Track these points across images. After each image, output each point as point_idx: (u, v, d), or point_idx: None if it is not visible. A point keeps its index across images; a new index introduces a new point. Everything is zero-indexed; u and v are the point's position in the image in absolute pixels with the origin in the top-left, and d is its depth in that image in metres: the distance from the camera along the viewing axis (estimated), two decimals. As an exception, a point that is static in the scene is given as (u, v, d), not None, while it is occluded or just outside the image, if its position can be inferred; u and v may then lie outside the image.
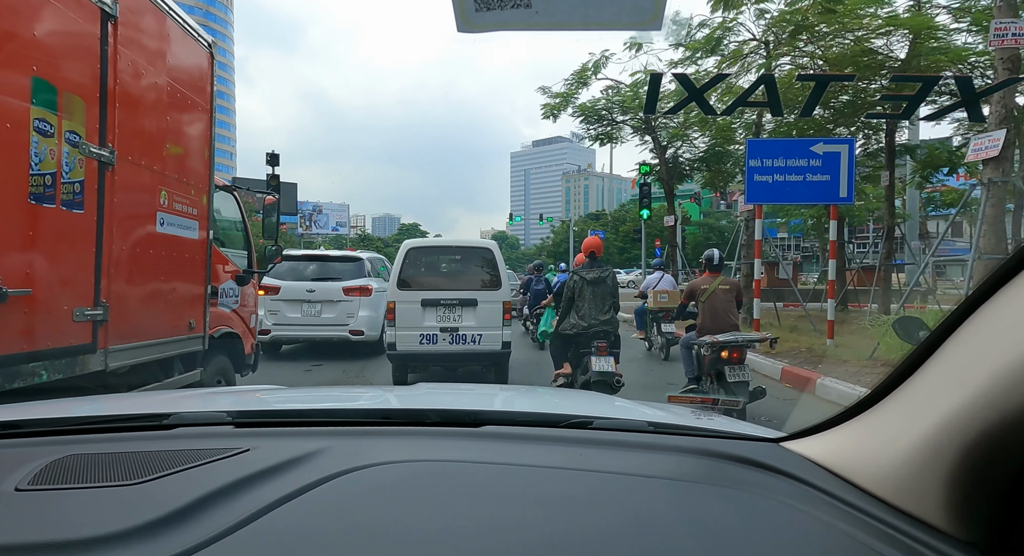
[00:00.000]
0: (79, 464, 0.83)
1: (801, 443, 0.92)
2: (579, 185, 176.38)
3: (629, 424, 1.12)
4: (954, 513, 0.61)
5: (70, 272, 2.75)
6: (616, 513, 0.70)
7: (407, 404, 1.41)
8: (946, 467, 0.59)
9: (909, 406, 0.68)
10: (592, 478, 0.82)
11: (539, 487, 0.80)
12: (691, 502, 0.75)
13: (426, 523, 0.68)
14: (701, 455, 0.92)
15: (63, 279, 2.70)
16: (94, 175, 2.87)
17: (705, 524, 0.68)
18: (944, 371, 0.63)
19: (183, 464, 0.81)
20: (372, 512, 0.71)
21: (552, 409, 1.40)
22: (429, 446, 0.97)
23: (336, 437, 0.98)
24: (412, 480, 0.81)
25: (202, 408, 1.28)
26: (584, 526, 0.67)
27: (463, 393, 1.86)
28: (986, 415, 0.54)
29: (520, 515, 0.70)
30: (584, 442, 0.99)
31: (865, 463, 0.74)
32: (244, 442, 0.92)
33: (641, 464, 0.88)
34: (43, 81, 2.52)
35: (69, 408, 1.34)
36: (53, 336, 2.64)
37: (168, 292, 3.65)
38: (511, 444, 0.99)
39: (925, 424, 0.63)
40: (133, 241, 3.23)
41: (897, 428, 0.69)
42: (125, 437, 1.02)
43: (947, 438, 0.59)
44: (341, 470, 0.80)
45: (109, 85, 2.94)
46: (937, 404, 0.61)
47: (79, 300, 2.81)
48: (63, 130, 2.64)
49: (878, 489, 0.70)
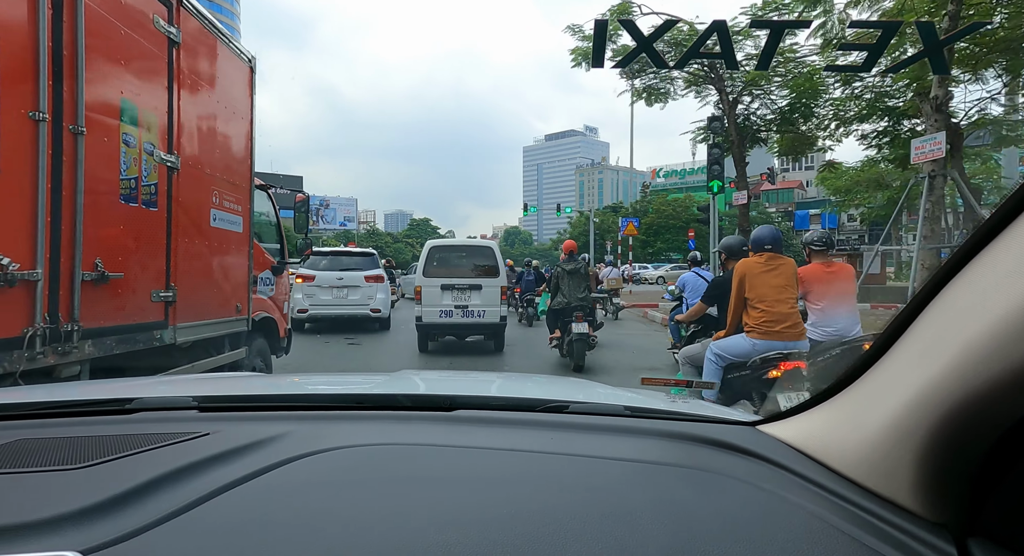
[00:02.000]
0: (29, 448, 0.80)
1: (776, 426, 0.91)
2: (593, 179, 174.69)
3: (605, 408, 1.12)
4: (923, 494, 0.60)
5: (148, 260, 3.29)
6: (588, 496, 0.70)
7: (379, 389, 1.38)
8: (915, 447, 0.59)
9: (880, 386, 0.67)
10: (566, 461, 0.81)
11: (510, 470, 0.79)
12: (664, 485, 0.74)
13: (386, 505, 0.66)
14: (677, 439, 0.92)
15: (143, 266, 3.24)
16: (164, 178, 3.41)
17: (676, 506, 0.68)
18: (913, 349, 0.62)
19: (137, 447, 0.79)
20: (329, 494, 0.69)
21: (528, 394, 1.38)
22: (398, 430, 0.95)
23: (302, 421, 0.96)
24: (376, 463, 0.79)
25: (168, 393, 1.25)
26: (555, 508, 0.66)
27: (439, 379, 1.86)
28: (954, 390, 0.53)
29: (487, 497, 0.69)
30: (559, 426, 0.99)
31: (837, 445, 0.74)
32: (206, 426, 0.90)
33: (616, 448, 0.88)
34: (128, 101, 3.05)
35: (29, 393, 1.31)
36: (138, 313, 3.18)
37: (220, 279, 4.19)
38: (484, 428, 0.97)
39: (894, 404, 0.62)
40: (193, 234, 3.76)
41: (868, 409, 0.68)
42: (84, 422, 0.99)
43: (915, 417, 0.58)
44: (303, 452, 0.78)
45: (174, 101, 3.47)
46: (906, 383, 0.60)
47: (155, 283, 3.35)
48: (142, 141, 3.17)
49: (850, 471, 0.70)
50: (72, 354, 2.67)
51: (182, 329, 3.63)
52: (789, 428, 0.87)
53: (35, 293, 2.45)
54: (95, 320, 2.81)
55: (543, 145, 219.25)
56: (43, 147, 2.46)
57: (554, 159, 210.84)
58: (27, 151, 2.41)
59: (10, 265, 2.31)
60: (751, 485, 0.73)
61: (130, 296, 3.12)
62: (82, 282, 2.71)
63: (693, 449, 0.88)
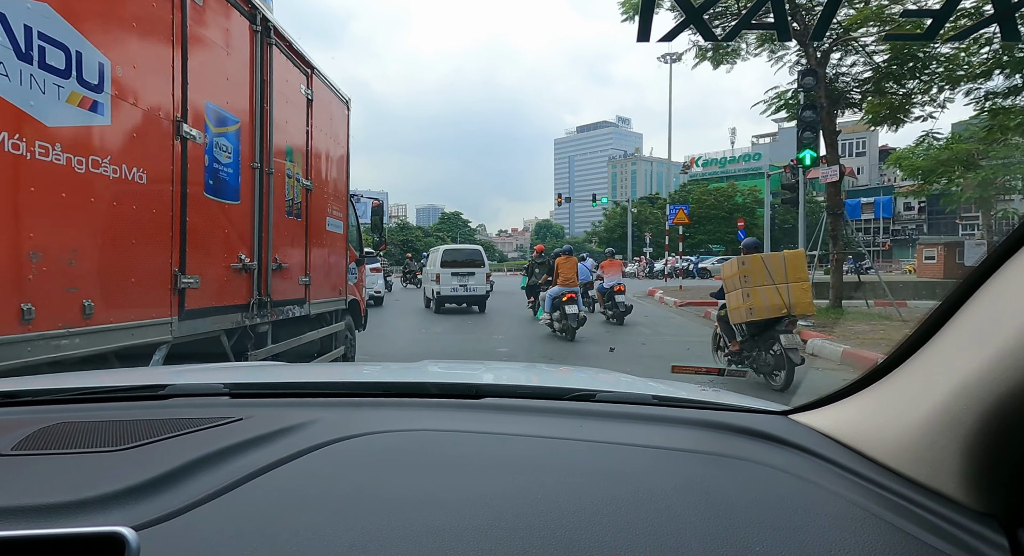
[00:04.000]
0: (70, 431, 0.83)
1: (810, 415, 0.90)
2: (626, 170, 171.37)
3: (633, 397, 1.12)
4: (971, 483, 0.59)
5: (297, 255, 4.73)
6: (617, 482, 0.70)
7: (407, 377, 1.40)
8: (963, 435, 0.57)
9: (924, 373, 0.66)
10: (593, 448, 0.81)
11: (538, 456, 0.79)
12: (696, 472, 0.74)
13: (417, 490, 0.67)
14: (706, 427, 0.92)
15: (295, 259, 4.68)
16: (304, 197, 4.84)
17: (709, 494, 0.67)
18: (961, 336, 0.61)
19: (174, 431, 0.82)
20: (362, 478, 0.70)
21: (555, 383, 1.41)
22: (427, 417, 0.96)
23: (333, 408, 0.99)
24: (406, 448, 0.80)
25: (200, 380, 1.29)
26: (583, 495, 0.66)
27: (465, 368, 1.90)
28: (1006, 378, 0.52)
29: (516, 482, 0.70)
30: (587, 414, 0.99)
31: (877, 434, 0.72)
32: (239, 412, 0.92)
33: (646, 436, 0.87)
34: (289, 146, 4.48)
35: (68, 380, 1.35)
36: (293, 291, 4.63)
37: (331, 269, 5.64)
38: (512, 416, 0.98)
39: (941, 391, 0.60)
40: (317, 236, 5.20)
41: (911, 397, 0.66)
42: (120, 406, 1.03)
43: (964, 405, 0.56)
44: (335, 438, 0.80)
45: (309, 141, 4.90)
46: (954, 370, 0.59)
47: (300, 272, 4.79)
48: (295, 173, 4.60)
49: (890, 460, 0.69)
50: (266, 317, 4.11)
51: (314, 304, 5.08)
52: (824, 417, 0.87)
53: (253, 278, 3.89)
54: (276, 295, 4.26)
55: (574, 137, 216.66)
56: (258, 185, 3.89)
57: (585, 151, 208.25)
58: (251, 189, 3.84)
59: (245, 260, 3.75)
60: (786, 473, 0.73)
61: (290, 280, 4.56)
62: (271, 271, 4.15)
63: (724, 437, 0.87)
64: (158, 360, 2.86)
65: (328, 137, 5.46)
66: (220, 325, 3.51)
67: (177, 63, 2.96)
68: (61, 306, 2.26)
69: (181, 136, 2.98)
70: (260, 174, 3.94)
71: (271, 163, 4.08)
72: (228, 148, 3.53)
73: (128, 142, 2.61)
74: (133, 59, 2.64)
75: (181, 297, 3.04)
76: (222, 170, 3.47)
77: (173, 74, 2.93)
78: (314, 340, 5.23)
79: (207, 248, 3.32)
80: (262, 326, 4.15)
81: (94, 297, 2.41)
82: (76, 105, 2.29)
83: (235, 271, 3.68)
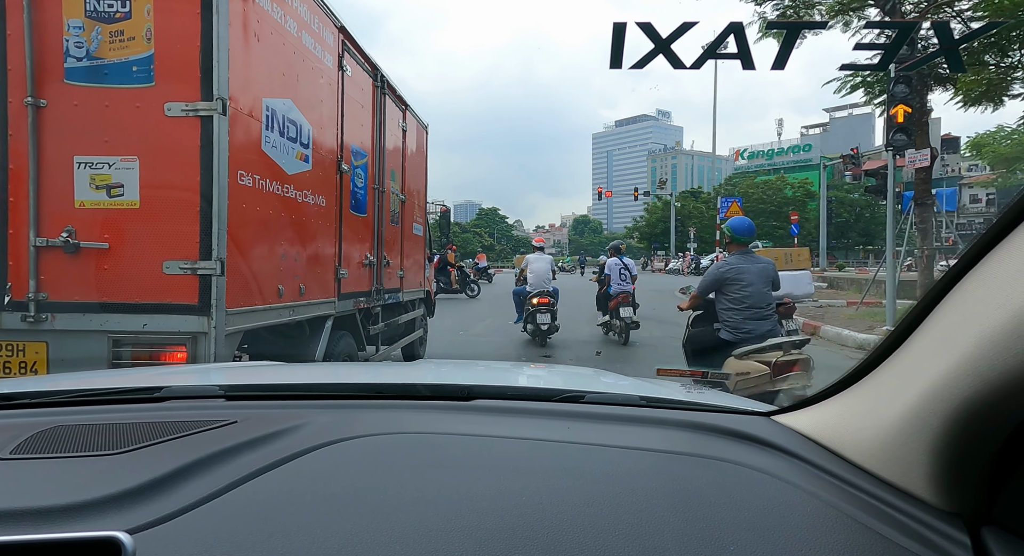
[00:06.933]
0: (65, 434, 0.84)
1: (791, 416, 0.93)
2: (666, 164, 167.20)
3: (621, 398, 1.15)
4: (938, 484, 0.61)
5: (396, 254, 5.99)
6: (600, 484, 0.71)
7: (399, 378, 1.42)
8: (930, 437, 0.59)
9: (896, 376, 0.68)
10: (582, 450, 0.83)
11: (525, 459, 0.80)
12: (679, 474, 0.75)
13: (408, 492, 0.68)
14: (692, 429, 0.94)
15: (395, 256, 5.94)
16: (400, 207, 6.10)
17: (691, 495, 0.69)
18: (931, 340, 0.62)
19: (169, 434, 0.83)
20: (356, 481, 0.71)
21: (545, 384, 1.43)
22: (418, 419, 0.98)
23: (326, 410, 1.00)
24: (398, 451, 0.82)
25: (195, 382, 1.33)
26: (566, 496, 0.68)
27: (457, 368, 1.94)
28: (970, 383, 0.53)
29: (502, 484, 0.71)
30: (575, 416, 1.01)
31: (853, 435, 0.74)
32: (234, 414, 0.94)
33: (632, 437, 0.89)
34: (393, 170, 5.73)
35: (64, 382, 1.37)
36: (393, 282, 5.90)
37: (415, 264, 6.91)
38: (502, 417, 1.00)
39: (911, 394, 0.62)
40: (407, 237, 6.46)
41: (884, 399, 0.68)
42: (115, 409, 1.03)
43: (931, 407, 0.58)
44: (327, 440, 0.81)
45: (404, 162, 6.15)
46: (923, 373, 0.61)
47: (398, 267, 6.05)
48: (396, 189, 5.85)
49: (865, 461, 0.71)
50: (378, 303, 5.37)
51: (406, 293, 6.35)
52: (804, 418, 0.89)
53: (373, 270, 5.16)
54: (385, 285, 5.52)
55: (613, 131, 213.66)
56: (377, 201, 5.15)
57: (624, 145, 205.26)
58: (373, 204, 5.11)
59: (370, 258, 5.02)
60: (766, 474, 0.74)
61: (392, 273, 5.83)
62: (384, 266, 5.40)
63: (708, 439, 0.89)
64: (328, 328, 4.12)
65: (414, 157, 6.71)
66: (355, 306, 4.77)
67: (339, 119, 4.22)
68: (292, 287, 3.53)
69: (340, 170, 4.24)
70: (378, 193, 5.20)
71: (384, 183, 5.34)
72: (361, 175, 4.79)
73: (317, 178, 3.87)
74: (320, 121, 3.90)
75: (339, 284, 4.31)
76: (358, 192, 4.73)
77: (337, 127, 4.19)
78: (403, 323, 6.51)
79: (351, 249, 4.59)
80: (376, 308, 5.41)
81: (305, 283, 3.68)
82: (298, 158, 3.55)
83: (364, 266, 4.94)
